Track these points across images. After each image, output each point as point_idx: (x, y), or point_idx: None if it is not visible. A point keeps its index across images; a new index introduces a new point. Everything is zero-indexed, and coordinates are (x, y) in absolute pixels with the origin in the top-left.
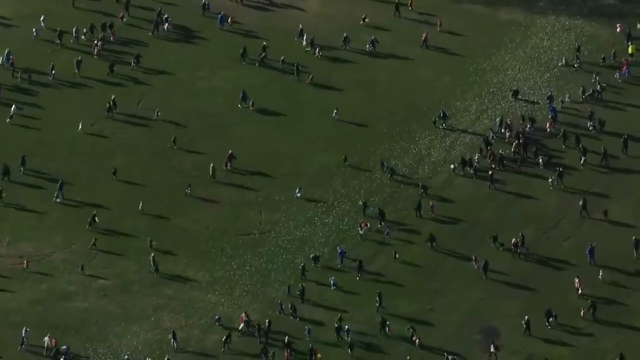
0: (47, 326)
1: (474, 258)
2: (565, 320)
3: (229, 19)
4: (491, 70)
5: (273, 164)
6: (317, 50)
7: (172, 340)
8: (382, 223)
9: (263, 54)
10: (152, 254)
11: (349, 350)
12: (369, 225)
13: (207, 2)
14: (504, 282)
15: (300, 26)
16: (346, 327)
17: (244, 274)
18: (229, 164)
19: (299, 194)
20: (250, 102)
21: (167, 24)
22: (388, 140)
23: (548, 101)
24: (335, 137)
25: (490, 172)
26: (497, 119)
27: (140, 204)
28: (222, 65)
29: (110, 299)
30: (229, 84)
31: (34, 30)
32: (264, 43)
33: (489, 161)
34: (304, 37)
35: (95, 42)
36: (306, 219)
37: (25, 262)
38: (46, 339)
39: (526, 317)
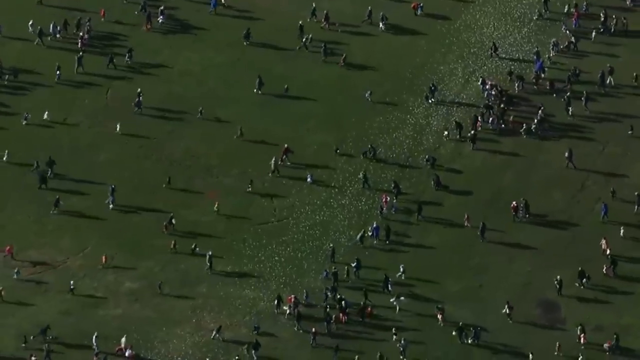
0: (86, 336)
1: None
2: (598, 281)
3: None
4: (465, 29)
5: (270, 147)
6: (336, 25)
7: (217, 335)
8: (395, 198)
9: (307, 37)
10: (210, 252)
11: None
12: (389, 202)
13: None
14: (545, 252)
15: (314, 4)
16: (401, 297)
17: (275, 265)
18: (285, 157)
19: (310, 180)
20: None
21: (161, 17)
22: (382, 112)
23: (535, 57)
24: (325, 114)
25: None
26: (479, 81)
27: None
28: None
29: (143, 303)
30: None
31: None
32: (300, 22)
33: (499, 123)
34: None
35: (81, 35)
36: (322, 202)
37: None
38: (123, 339)
39: (558, 276)
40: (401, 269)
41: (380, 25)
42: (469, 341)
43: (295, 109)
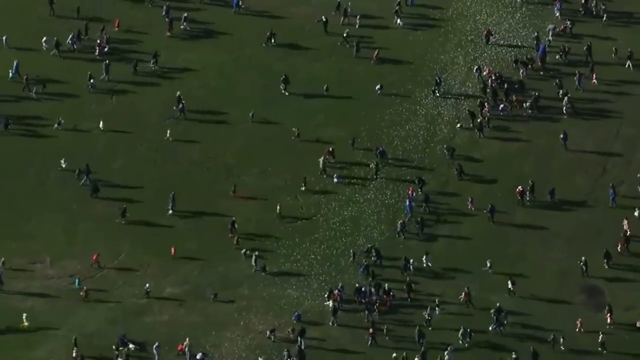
0: (135, 344)
1: None
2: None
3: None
4: (459, 17)
5: (283, 143)
6: (357, 19)
7: (272, 336)
8: (420, 190)
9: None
10: (256, 253)
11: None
12: (413, 195)
13: None
14: (578, 238)
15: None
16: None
17: (312, 263)
18: (327, 158)
19: (337, 180)
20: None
21: (185, 23)
22: (391, 105)
23: (535, 42)
24: (333, 108)
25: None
26: (475, 69)
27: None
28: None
29: (188, 308)
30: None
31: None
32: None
33: (506, 108)
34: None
35: (99, 43)
36: (347, 197)
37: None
38: (186, 342)
39: (583, 257)
40: (425, 257)
41: (398, 20)
42: (499, 327)
43: (300, 104)
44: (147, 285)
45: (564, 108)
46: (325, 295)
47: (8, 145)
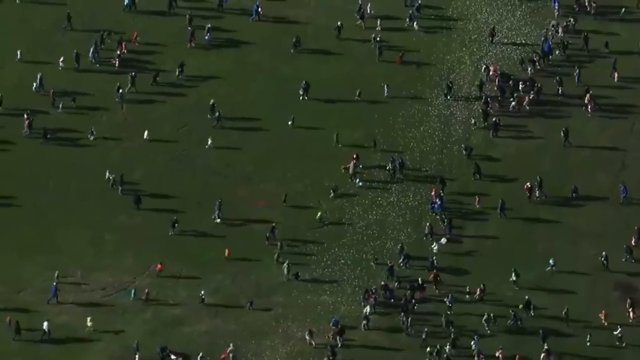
0: (177, 355)
1: None
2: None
3: (260, 9)
4: (459, 17)
5: (298, 148)
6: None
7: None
8: (442, 191)
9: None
10: (287, 260)
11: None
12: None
13: None
14: (606, 234)
15: (360, 1)
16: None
17: (343, 269)
18: (356, 163)
19: (360, 184)
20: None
21: (208, 35)
22: (402, 107)
23: (543, 39)
24: (345, 110)
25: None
26: (483, 68)
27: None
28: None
29: (225, 317)
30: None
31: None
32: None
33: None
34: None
35: (118, 54)
36: (370, 201)
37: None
38: (231, 347)
39: (604, 252)
40: (443, 241)
41: (414, 23)
42: (517, 322)
43: (313, 108)
44: (202, 292)
45: (589, 106)
46: (361, 296)
47: (30, 159)
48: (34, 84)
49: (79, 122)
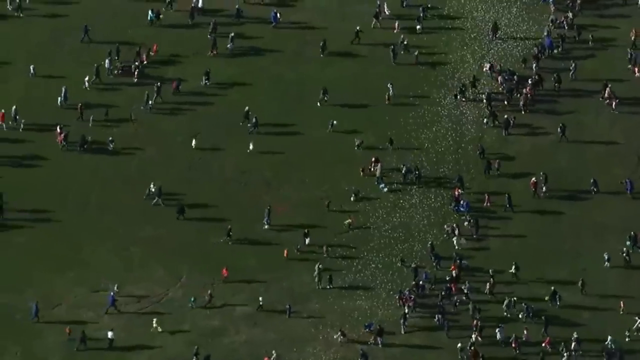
0: None
1: None
2: None
3: (279, 15)
4: (456, 15)
5: (313, 152)
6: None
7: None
8: (462, 191)
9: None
10: (319, 264)
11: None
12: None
13: (239, 8)
14: (631, 229)
15: (378, 2)
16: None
17: (375, 273)
18: (375, 166)
19: (385, 189)
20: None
21: (230, 44)
22: (411, 108)
23: (546, 34)
24: (354, 115)
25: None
26: (487, 67)
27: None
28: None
29: (264, 326)
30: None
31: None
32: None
33: (523, 104)
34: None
35: (137, 65)
36: (393, 204)
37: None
38: (274, 355)
39: (624, 248)
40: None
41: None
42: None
43: (320, 111)
44: (261, 299)
45: (610, 101)
46: (397, 298)
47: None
48: (59, 98)
49: (106, 134)
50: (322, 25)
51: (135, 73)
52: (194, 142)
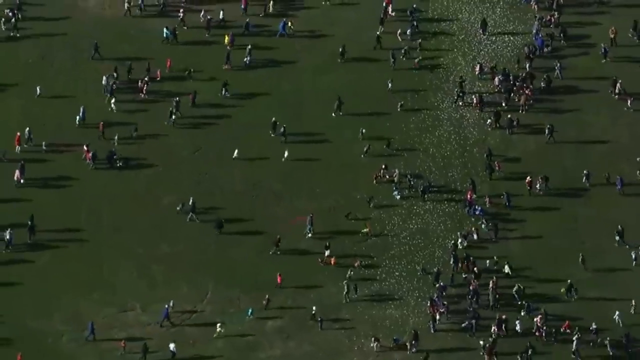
0: None
1: None
2: None
3: (290, 23)
4: (441, 18)
5: (320, 162)
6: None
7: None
8: (475, 194)
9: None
10: (349, 273)
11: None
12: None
13: (248, 22)
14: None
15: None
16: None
17: (400, 281)
18: (386, 173)
19: (398, 196)
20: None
21: (248, 57)
22: (411, 113)
23: (535, 32)
24: (354, 121)
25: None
26: (477, 67)
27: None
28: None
29: (297, 339)
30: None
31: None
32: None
33: (523, 104)
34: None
35: (146, 81)
36: (407, 210)
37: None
38: None
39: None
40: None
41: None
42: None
43: (322, 120)
44: (314, 308)
45: (628, 101)
46: (427, 304)
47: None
48: (77, 117)
49: (127, 150)
50: (330, 32)
51: (144, 89)
52: (235, 152)
